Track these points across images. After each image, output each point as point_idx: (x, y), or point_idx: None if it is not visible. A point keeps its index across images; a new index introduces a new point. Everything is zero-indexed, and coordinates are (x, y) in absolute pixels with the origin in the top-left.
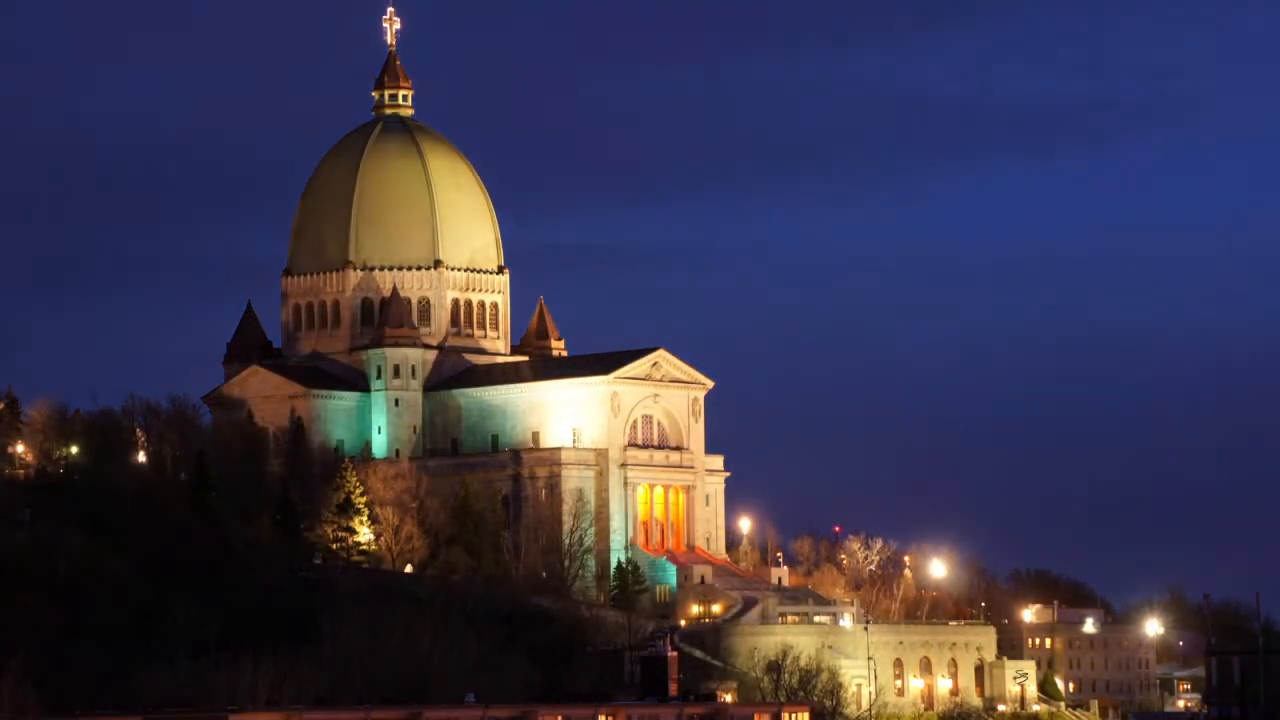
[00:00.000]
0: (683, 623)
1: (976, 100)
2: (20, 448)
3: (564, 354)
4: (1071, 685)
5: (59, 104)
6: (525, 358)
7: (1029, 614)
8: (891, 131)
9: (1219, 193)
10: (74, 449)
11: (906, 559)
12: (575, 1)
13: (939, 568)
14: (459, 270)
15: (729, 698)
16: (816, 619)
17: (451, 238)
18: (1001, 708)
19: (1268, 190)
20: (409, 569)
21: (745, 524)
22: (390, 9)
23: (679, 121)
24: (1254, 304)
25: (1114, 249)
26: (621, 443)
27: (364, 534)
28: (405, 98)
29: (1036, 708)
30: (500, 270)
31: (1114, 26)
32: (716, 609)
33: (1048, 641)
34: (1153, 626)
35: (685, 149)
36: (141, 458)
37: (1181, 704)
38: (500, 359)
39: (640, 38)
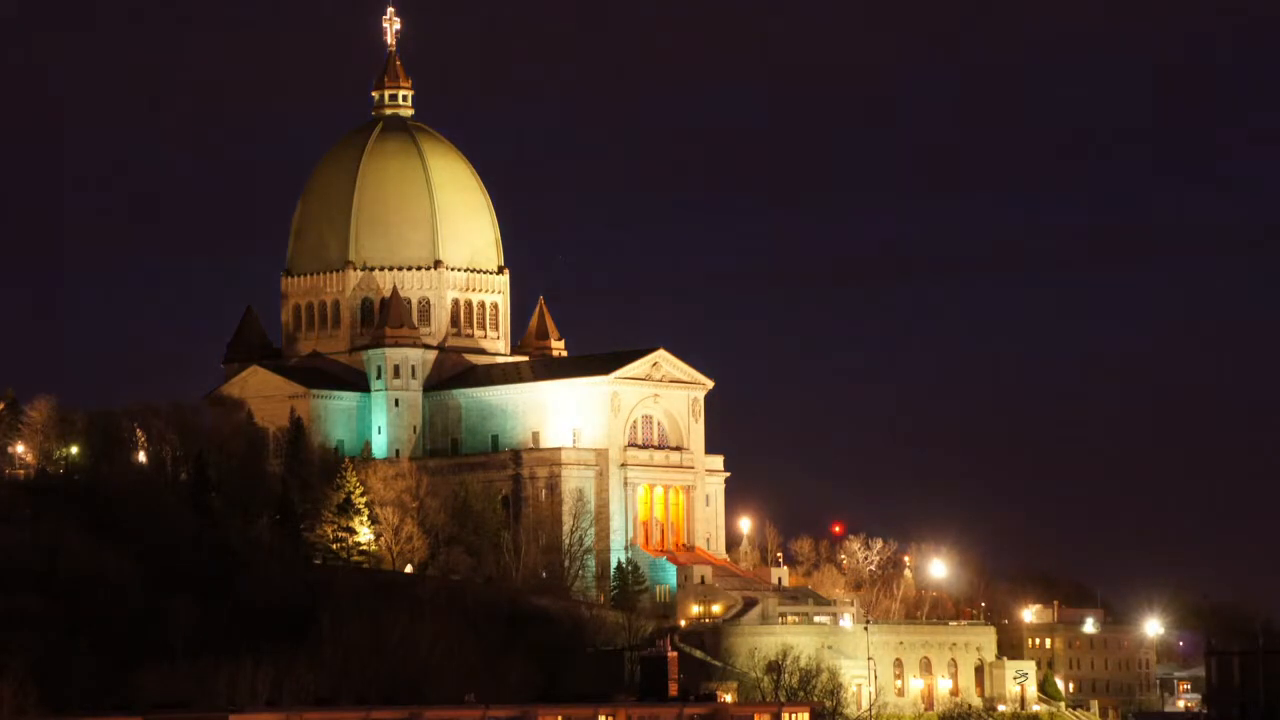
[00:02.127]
0: (683, 623)
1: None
2: (20, 448)
3: (564, 354)
4: (1071, 685)
5: (59, 102)
6: (525, 358)
7: (1029, 614)
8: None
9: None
10: (74, 449)
11: (906, 559)
12: (576, 1)
13: (939, 568)
14: (459, 270)
15: (729, 698)
16: (816, 619)
17: (451, 238)
18: (1001, 708)
19: None
20: (409, 569)
21: (745, 524)
22: (390, 9)
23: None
24: (1252, 303)
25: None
26: (621, 443)
27: (364, 534)
28: (405, 98)
29: (1036, 708)
30: (500, 270)
31: None
32: (716, 609)
33: (1048, 641)
34: (1153, 626)
35: (686, 147)
36: (141, 458)
37: (1181, 704)
38: (500, 359)
39: (640, 39)
